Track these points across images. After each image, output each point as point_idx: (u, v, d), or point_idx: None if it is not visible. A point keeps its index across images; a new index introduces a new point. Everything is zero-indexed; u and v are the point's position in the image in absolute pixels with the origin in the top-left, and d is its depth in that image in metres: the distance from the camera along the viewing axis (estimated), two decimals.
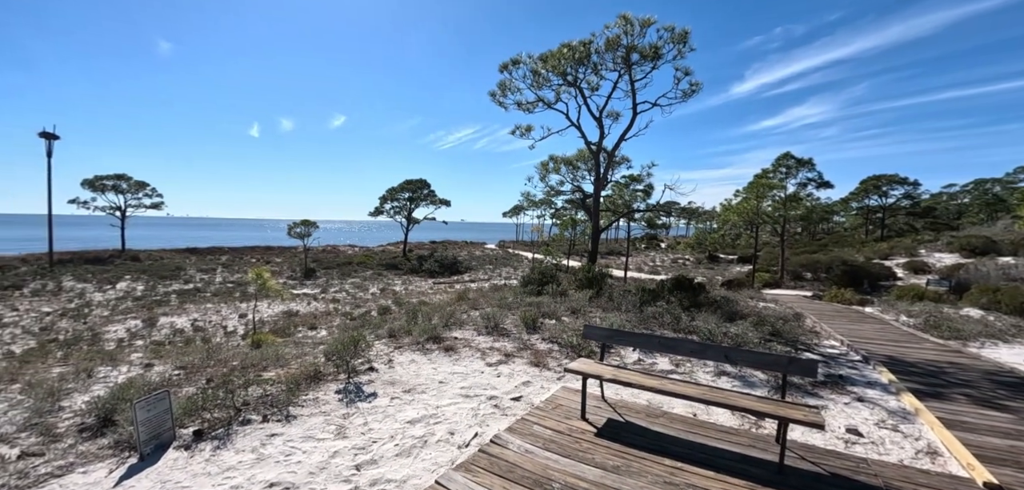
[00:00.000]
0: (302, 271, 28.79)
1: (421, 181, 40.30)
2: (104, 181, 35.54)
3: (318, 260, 34.01)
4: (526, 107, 18.28)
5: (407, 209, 40.10)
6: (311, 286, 24.40)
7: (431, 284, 26.20)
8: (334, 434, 4.32)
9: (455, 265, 33.65)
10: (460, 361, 6.59)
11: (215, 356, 6.93)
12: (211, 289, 22.45)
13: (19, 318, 15.66)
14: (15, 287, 21.31)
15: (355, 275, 28.83)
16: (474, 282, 26.10)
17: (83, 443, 4.11)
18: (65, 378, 6.39)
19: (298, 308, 17.12)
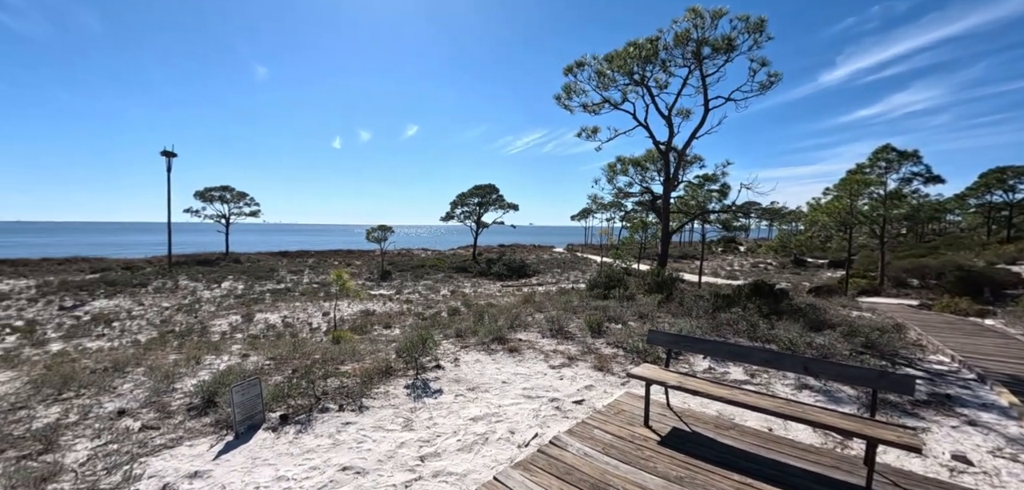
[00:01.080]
0: (379, 273, 30.46)
1: (490, 186, 41.14)
2: (212, 192, 39.98)
3: (393, 263, 35.84)
4: (592, 109, 18.09)
5: (476, 214, 41.10)
6: (387, 287, 25.76)
7: (499, 287, 26.64)
8: (401, 426, 4.57)
9: (523, 268, 33.95)
10: (523, 362, 6.67)
11: (300, 349, 7.57)
12: (299, 289, 24.43)
13: (144, 311, 18.03)
14: (142, 285, 24.55)
15: (427, 277, 30.02)
16: (541, 285, 26.18)
17: (190, 420, 4.69)
18: (178, 364, 7.29)
19: (375, 308, 18.15)
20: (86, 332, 14.51)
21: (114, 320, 16.35)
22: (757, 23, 14.36)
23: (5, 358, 10.52)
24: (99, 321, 16.06)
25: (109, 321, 16.12)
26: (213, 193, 40.11)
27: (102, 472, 3.70)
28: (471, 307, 15.90)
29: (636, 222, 34.44)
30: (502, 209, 42.11)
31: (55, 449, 4.12)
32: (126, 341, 12.90)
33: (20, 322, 15.93)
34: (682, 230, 26.97)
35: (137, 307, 19.07)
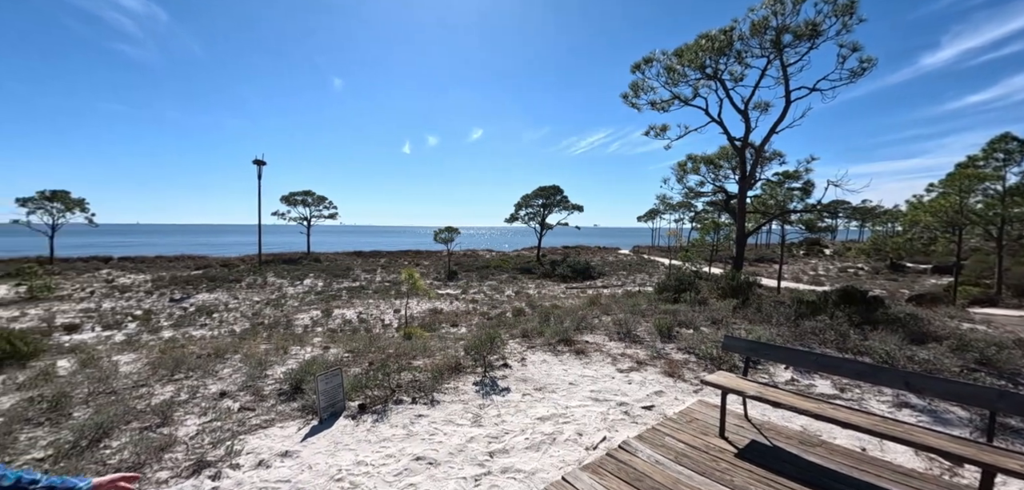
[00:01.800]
0: (446, 273, 31.40)
1: (554, 187, 41.07)
2: (296, 196, 43.23)
3: (460, 263, 36.78)
4: (660, 106, 17.52)
5: (540, 215, 41.18)
6: (453, 287, 26.50)
7: (563, 288, 26.50)
8: (471, 422, 4.69)
9: (587, 270, 33.52)
10: (590, 365, 6.60)
11: (375, 344, 7.99)
12: (372, 287, 25.76)
13: (238, 305, 19.85)
14: (236, 281, 27.04)
15: (492, 278, 30.50)
16: (606, 287, 25.72)
17: (280, 404, 5.11)
18: (269, 353, 7.96)
19: (442, 306, 18.73)
20: (191, 322, 16.22)
21: (214, 312, 18.15)
22: (846, 5, 13.20)
23: (128, 342, 12.01)
24: (202, 312, 17.90)
25: (210, 312, 17.91)
26: (296, 197, 43.36)
27: (208, 445, 4.12)
28: (535, 308, 15.95)
29: (708, 223, 32.85)
30: (566, 210, 41.87)
31: (170, 423, 4.66)
32: (224, 331, 14.25)
33: (139, 311, 18.12)
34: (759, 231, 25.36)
35: (233, 300, 21.05)
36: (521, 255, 46.67)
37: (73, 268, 33.36)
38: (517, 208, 41.86)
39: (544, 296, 21.96)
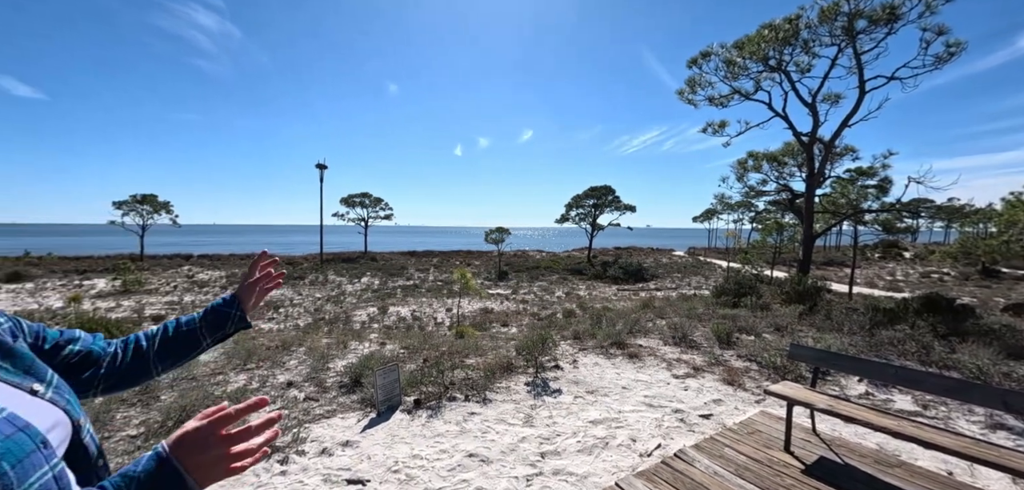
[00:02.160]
0: (496, 273, 31.71)
1: (605, 187, 40.44)
2: (354, 198, 45.20)
3: (510, 264, 37.04)
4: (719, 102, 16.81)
5: (591, 215, 40.68)
6: (504, 287, 26.71)
7: (615, 290, 26.03)
8: (522, 422, 4.71)
9: (640, 272, 32.74)
10: (644, 369, 6.44)
11: (429, 342, 8.20)
12: (426, 286, 26.46)
13: (302, 300, 21.00)
14: (300, 278, 28.63)
15: (542, 278, 30.47)
16: (660, 290, 25.01)
17: (341, 396, 5.36)
18: (330, 347, 8.37)
19: (493, 306, 18.93)
20: (260, 315, 17.35)
21: (280, 306, 19.31)
22: None
23: None
24: (269, 307, 19.10)
25: (276, 307, 19.07)
26: (355, 199, 45.33)
27: None
28: (586, 310, 15.77)
29: (770, 224, 31.12)
30: (618, 211, 41.11)
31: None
32: (289, 325, 15.13)
33: None
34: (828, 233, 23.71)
35: (297, 296, 22.30)
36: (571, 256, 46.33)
37: (159, 264, 36.65)
38: (568, 209, 41.58)
39: (595, 298, 21.67)
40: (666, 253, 56.82)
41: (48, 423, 0.75)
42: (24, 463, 0.65)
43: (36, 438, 0.70)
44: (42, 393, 0.81)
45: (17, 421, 0.69)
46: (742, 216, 51.44)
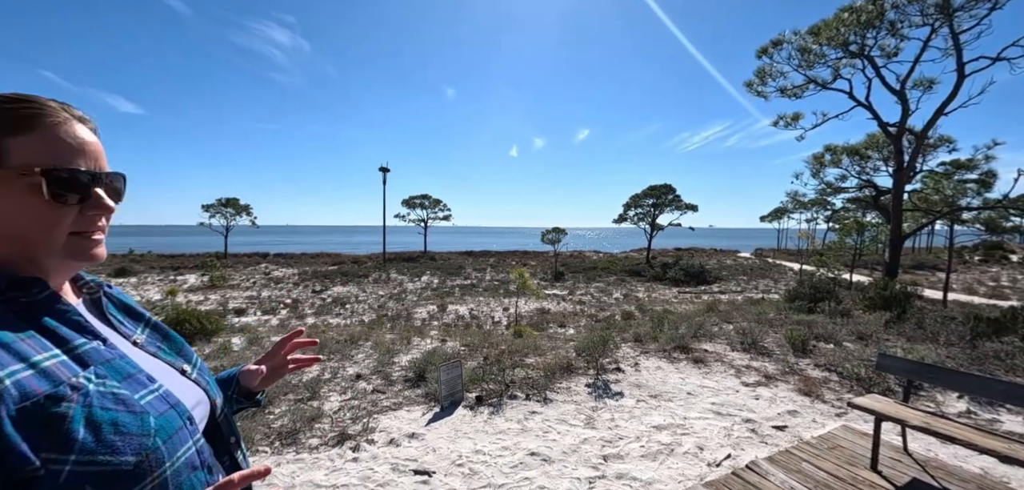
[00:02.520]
0: (552, 274, 31.63)
1: (665, 186, 39.18)
2: (414, 200, 46.80)
3: (566, 264, 36.79)
4: (792, 93, 15.79)
5: (651, 215, 39.55)
6: (560, 287, 26.58)
7: (675, 293, 25.16)
8: (583, 423, 4.66)
9: (702, 274, 31.42)
10: (710, 375, 6.17)
11: (488, 340, 8.32)
12: (483, 285, 26.87)
13: (366, 297, 22.00)
14: (364, 276, 30.03)
15: (599, 280, 30.03)
16: (724, 293, 23.86)
17: (406, 390, 5.56)
18: (394, 342, 8.72)
19: (549, 307, 18.89)
20: (329, 311, 18.37)
21: (346, 302, 20.35)
22: None
23: (281, 325, 13.96)
24: (337, 303, 20.17)
25: (343, 303, 20.12)
26: (415, 201, 46.92)
27: (349, 420, 4.64)
28: (646, 312, 15.36)
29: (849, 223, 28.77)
30: (679, 210, 39.69)
31: (318, 398, 5.32)
32: (355, 320, 15.91)
33: (289, 300, 20.98)
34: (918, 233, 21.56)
35: (362, 293, 23.41)
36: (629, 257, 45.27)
37: (240, 262, 39.79)
38: (625, 208, 40.67)
39: (654, 300, 21.05)
40: (730, 254, 54.10)
41: (193, 401, 0.83)
42: (174, 438, 0.73)
43: (183, 415, 0.77)
44: (189, 373, 0.89)
45: (170, 398, 0.77)
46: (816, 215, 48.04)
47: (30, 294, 0.71)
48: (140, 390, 0.73)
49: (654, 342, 7.63)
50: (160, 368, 0.84)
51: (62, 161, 0.70)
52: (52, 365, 0.65)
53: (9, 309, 0.68)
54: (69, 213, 0.72)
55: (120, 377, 0.72)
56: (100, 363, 0.71)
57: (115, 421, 0.66)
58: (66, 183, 0.70)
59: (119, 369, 0.73)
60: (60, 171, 0.70)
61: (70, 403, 0.63)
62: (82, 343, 0.72)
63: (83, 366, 0.69)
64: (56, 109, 0.73)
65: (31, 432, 0.59)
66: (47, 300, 0.73)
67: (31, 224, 0.70)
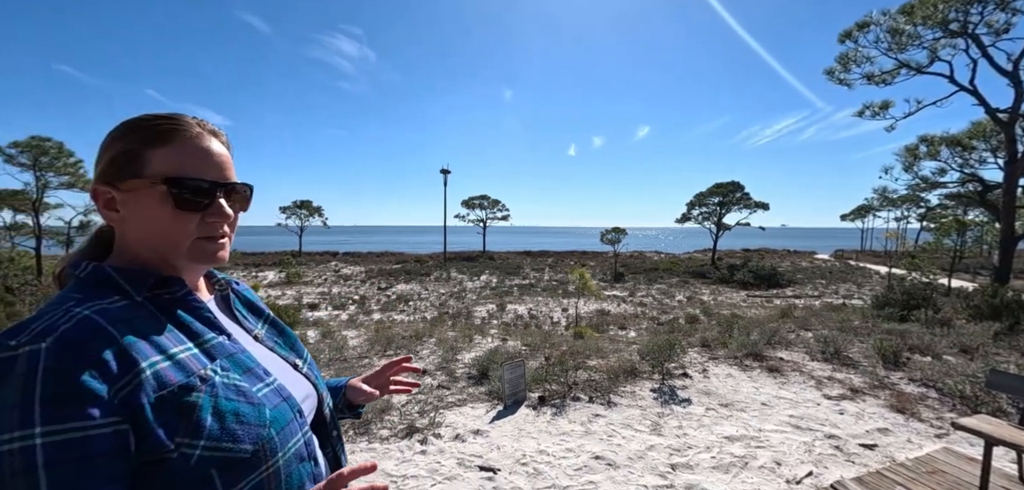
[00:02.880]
0: (612, 274, 31.03)
1: (733, 184, 37.24)
2: (474, 201, 47.68)
3: (626, 265, 35.98)
4: (880, 79, 14.46)
5: (717, 214, 37.76)
6: (620, 289, 26.03)
7: (744, 296, 23.86)
8: (649, 429, 4.53)
9: (774, 277, 29.53)
10: (788, 385, 5.79)
11: (549, 340, 8.31)
12: (541, 285, 26.87)
13: (428, 295, 22.69)
14: (426, 275, 30.98)
15: (661, 281, 29.09)
16: (799, 298, 22.30)
17: (470, 387, 5.67)
18: (457, 340, 8.92)
19: (609, 308, 18.56)
20: (393, 307, 19.12)
21: (410, 300, 21.09)
22: None
23: (351, 320, 14.72)
24: (401, 300, 20.96)
25: (407, 300, 20.87)
26: (474, 201, 47.81)
27: (416, 414, 4.80)
28: (712, 316, 14.68)
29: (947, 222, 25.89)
30: (748, 208, 37.58)
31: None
32: (418, 317, 16.45)
33: (356, 296, 22.07)
34: None
35: (424, 292, 24.17)
36: (693, 258, 43.49)
37: (313, 260, 42.40)
38: (689, 207, 39.10)
39: (720, 303, 20.08)
40: (805, 256, 50.43)
41: (303, 394, 0.89)
42: (285, 430, 0.78)
43: (294, 408, 0.83)
44: (301, 368, 0.95)
45: (283, 391, 0.82)
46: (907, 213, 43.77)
47: (172, 292, 0.79)
48: (257, 383, 0.79)
49: (723, 348, 7.27)
50: (275, 362, 0.90)
51: (188, 172, 0.77)
52: (186, 357, 0.72)
53: (154, 305, 0.76)
54: (192, 219, 0.78)
55: (241, 370, 0.78)
56: (224, 357, 0.78)
57: (237, 411, 0.71)
58: (188, 191, 0.77)
59: (240, 363, 0.79)
60: (183, 180, 0.76)
61: (199, 393, 0.69)
62: (211, 337, 0.79)
63: (211, 359, 0.76)
64: (191, 124, 0.80)
65: (167, 418, 0.65)
66: (184, 297, 0.80)
67: (162, 228, 0.77)
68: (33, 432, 0.57)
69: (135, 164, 0.76)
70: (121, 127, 0.79)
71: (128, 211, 0.77)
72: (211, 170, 0.80)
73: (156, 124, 0.78)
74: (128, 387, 0.63)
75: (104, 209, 0.79)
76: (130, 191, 0.76)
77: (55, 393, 0.58)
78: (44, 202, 21.61)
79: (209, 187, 0.79)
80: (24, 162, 20.73)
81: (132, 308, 0.73)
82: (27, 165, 20.80)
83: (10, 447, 0.56)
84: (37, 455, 0.57)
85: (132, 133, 0.78)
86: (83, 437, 0.59)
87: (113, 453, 0.61)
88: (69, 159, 21.42)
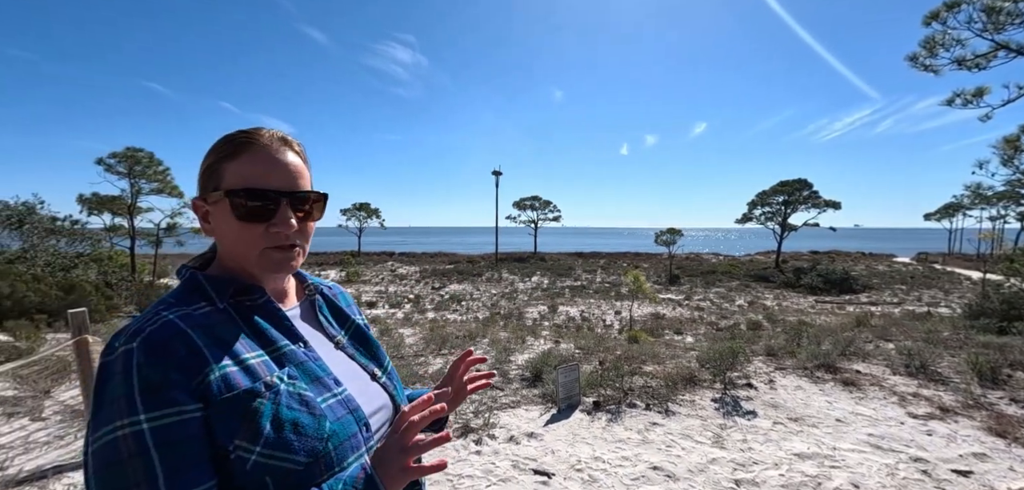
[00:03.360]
0: (667, 277, 30.10)
1: (800, 181, 35.06)
2: (525, 202, 47.83)
3: (681, 267, 34.77)
4: (972, 64, 13.07)
5: (781, 214, 35.69)
6: (675, 292, 25.20)
7: (812, 302, 22.40)
8: (711, 441, 4.33)
9: (846, 281, 27.52)
10: (865, 401, 5.36)
11: (603, 344, 8.17)
12: (593, 287, 26.52)
13: (480, 295, 22.98)
14: (478, 275, 31.40)
15: (719, 284, 27.88)
16: (875, 305, 20.65)
17: (523, 389, 5.67)
18: (509, 341, 8.97)
19: (664, 312, 18.01)
20: (446, 307, 19.52)
21: (463, 300, 21.45)
22: None
23: (406, 319, 15.17)
24: (454, 300, 21.36)
25: (459, 300, 21.23)
26: (525, 202, 47.97)
27: (471, 414, 4.86)
28: (776, 322, 13.90)
29: None
30: (816, 208, 35.26)
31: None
32: (471, 317, 16.69)
33: (412, 296, 22.73)
34: None
35: (476, 292, 24.51)
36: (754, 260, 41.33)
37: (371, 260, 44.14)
38: (751, 207, 37.23)
39: (786, 310, 18.95)
40: (882, 259, 46.56)
41: (375, 406, 0.88)
42: (345, 444, 0.77)
43: (361, 420, 0.82)
44: (379, 377, 0.94)
45: (350, 403, 0.82)
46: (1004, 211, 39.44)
47: (252, 299, 0.82)
48: (324, 393, 0.79)
49: (791, 357, 6.84)
50: (352, 371, 0.90)
51: (251, 183, 0.78)
52: (256, 363, 0.75)
53: (235, 311, 0.79)
54: (257, 229, 0.79)
55: (309, 379, 0.79)
56: (295, 364, 0.79)
57: (296, 421, 0.72)
58: (248, 202, 0.78)
59: (310, 372, 0.80)
60: (241, 191, 0.78)
61: (263, 399, 0.71)
62: (284, 345, 0.81)
63: (280, 366, 0.77)
64: (263, 136, 0.82)
65: (229, 419, 0.68)
66: (264, 304, 0.83)
67: (233, 239, 0.80)
68: (139, 418, 0.63)
69: (214, 178, 0.80)
70: (212, 144, 0.83)
71: (214, 223, 0.82)
72: (277, 179, 0.80)
73: (233, 138, 0.81)
74: (200, 384, 0.68)
75: (202, 222, 0.84)
76: (213, 204, 0.81)
77: (149, 384, 0.65)
78: (137, 206, 23.91)
79: (272, 196, 0.79)
80: (121, 170, 23.03)
81: (214, 314, 0.77)
82: (123, 173, 23.10)
83: (124, 432, 0.63)
84: (147, 438, 0.63)
85: (215, 149, 0.82)
86: (179, 421, 0.65)
87: (203, 437, 0.67)
88: (158, 167, 23.59)
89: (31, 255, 15.04)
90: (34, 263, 14.31)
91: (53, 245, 16.81)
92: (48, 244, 16.59)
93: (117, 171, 23.00)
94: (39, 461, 3.85)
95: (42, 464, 3.79)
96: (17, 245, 15.94)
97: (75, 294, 11.31)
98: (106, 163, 22.67)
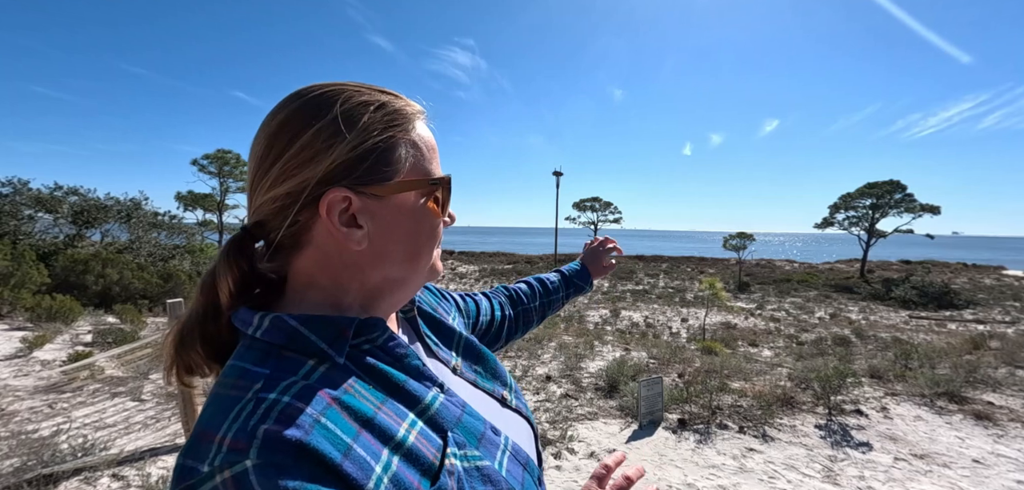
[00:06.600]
0: (736, 284, 28.47)
1: (891, 183, 31.93)
2: (585, 203, 47.12)
3: (751, 274, 32.78)
4: None
5: (868, 219, 32.68)
6: (746, 300, 23.73)
7: (905, 317, 20.29)
8: (821, 475, 3.86)
9: (946, 295, 24.71)
10: (1006, 439, 4.60)
11: (679, 355, 7.70)
12: (655, 292, 25.56)
13: None
14: None
15: (795, 294, 25.97)
16: (982, 322, 18.30)
17: (599, 400, 5.39)
18: (577, 347, 8.69)
19: (735, 321, 16.96)
20: None
21: None
22: None
23: None
24: None
25: None
26: (586, 203, 47.25)
27: (547, 424, 4.66)
28: (865, 338, 12.65)
29: None
30: (910, 212, 31.94)
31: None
32: None
33: None
34: None
35: None
36: (835, 269, 38.22)
37: None
38: (833, 211, 34.41)
39: (875, 324, 17.25)
40: (988, 271, 41.41)
41: (527, 442, 0.65)
42: None
43: (535, 474, 0.60)
44: (509, 401, 0.70)
45: (520, 455, 0.59)
46: None
47: (371, 338, 0.56)
48: (494, 452, 0.56)
49: (902, 381, 6.07)
50: (486, 405, 0.66)
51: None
52: (415, 440, 0.50)
53: (357, 364, 0.53)
54: (440, 227, 0.63)
55: (475, 440, 0.55)
56: (454, 425, 0.55)
57: None
58: (448, 191, 0.63)
59: (470, 429, 0.56)
60: (446, 179, 0.63)
61: None
62: (432, 399, 0.55)
63: (440, 432, 0.53)
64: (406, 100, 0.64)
65: None
66: (385, 342, 0.57)
67: (412, 245, 0.59)
68: None
69: (387, 161, 0.61)
70: (362, 111, 0.65)
71: (375, 225, 0.59)
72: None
73: (397, 109, 0.63)
74: None
75: (335, 225, 0.57)
76: (386, 197, 0.62)
77: None
78: (225, 203, 25.93)
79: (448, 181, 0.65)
80: (212, 171, 25.08)
81: (333, 375, 0.50)
82: (214, 173, 25.12)
83: None
84: None
85: (378, 120, 0.64)
86: None
87: None
88: (244, 167, 25.43)
89: (136, 246, 16.63)
90: (139, 253, 15.80)
91: (155, 237, 18.52)
92: (151, 236, 18.30)
93: (209, 171, 25.07)
94: (137, 442, 4.08)
95: (140, 446, 4.01)
96: (125, 237, 17.71)
97: (172, 283, 12.33)
98: (199, 163, 24.76)
